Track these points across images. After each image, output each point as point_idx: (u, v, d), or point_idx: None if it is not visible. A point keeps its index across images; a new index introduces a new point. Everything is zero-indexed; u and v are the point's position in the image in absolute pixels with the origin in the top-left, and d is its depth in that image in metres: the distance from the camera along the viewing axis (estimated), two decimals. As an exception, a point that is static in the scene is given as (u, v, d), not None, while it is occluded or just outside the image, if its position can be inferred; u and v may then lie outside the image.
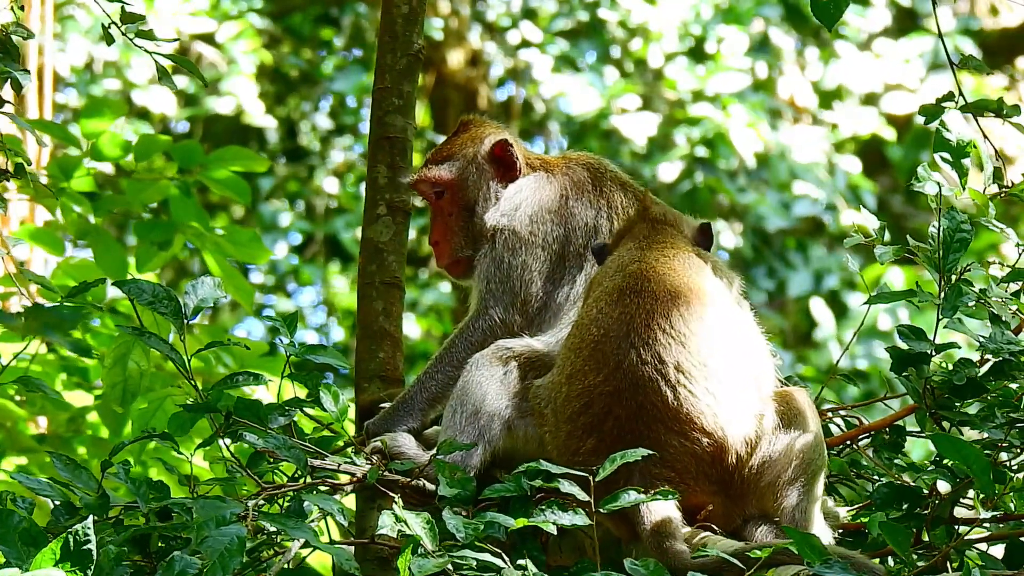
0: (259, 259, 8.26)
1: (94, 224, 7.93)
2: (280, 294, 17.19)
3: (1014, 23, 17.35)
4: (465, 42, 17.01)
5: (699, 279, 5.09)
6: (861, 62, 16.58)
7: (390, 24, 6.15)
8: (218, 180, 7.99)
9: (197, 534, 4.34)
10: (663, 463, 4.82)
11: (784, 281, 16.14)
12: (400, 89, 6.10)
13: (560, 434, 5.00)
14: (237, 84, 16.35)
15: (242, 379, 5.12)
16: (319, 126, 17.59)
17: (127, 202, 8.01)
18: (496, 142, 5.94)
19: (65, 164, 7.88)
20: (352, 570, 4.49)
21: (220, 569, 4.24)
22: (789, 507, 4.90)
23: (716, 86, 16.21)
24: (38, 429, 8.33)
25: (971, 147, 5.24)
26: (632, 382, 4.87)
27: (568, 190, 5.77)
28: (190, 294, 5.12)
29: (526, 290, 5.64)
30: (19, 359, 6.81)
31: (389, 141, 6.07)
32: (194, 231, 7.97)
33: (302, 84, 17.44)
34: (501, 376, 5.37)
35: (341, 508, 4.73)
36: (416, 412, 5.54)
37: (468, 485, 4.96)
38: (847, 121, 16.63)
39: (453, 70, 16.87)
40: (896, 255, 5.28)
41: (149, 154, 7.95)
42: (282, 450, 4.89)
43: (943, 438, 4.37)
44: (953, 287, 5.10)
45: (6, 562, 3.96)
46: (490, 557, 4.45)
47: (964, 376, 5.03)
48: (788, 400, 5.01)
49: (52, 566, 3.76)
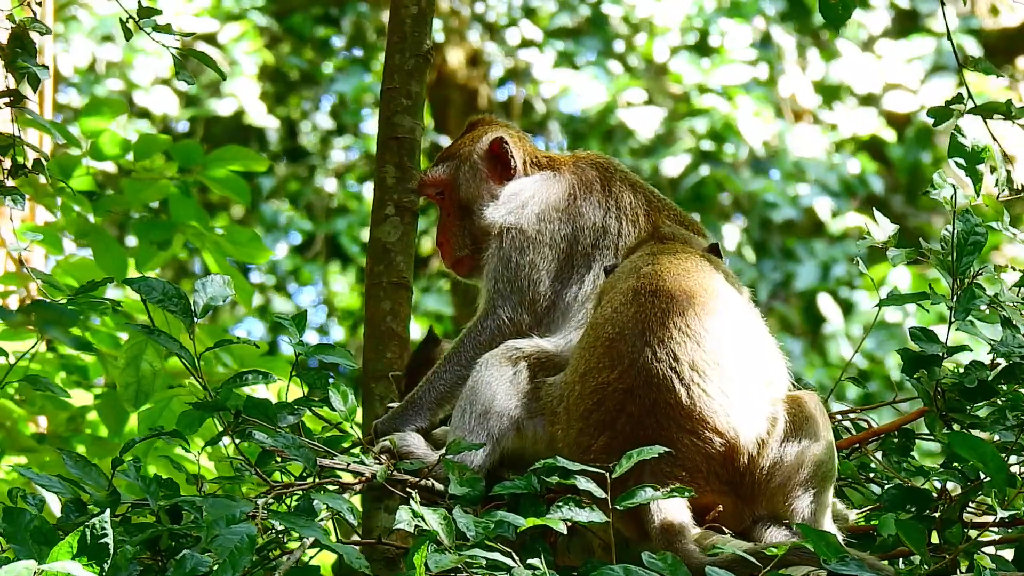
0: (259, 259, 8.25)
1: (94, 224, 7.91)
2: (281, 294, 17.18)
3: (1014, 23, 17.36)
4: (465, 42, 17.00)
5: (712, 281, 5.10)
6: (862, 61, 16.59)
7: (399, 24, 6.15)
8: (218, 180, 7.99)
9: (207, 533, 4.33)
10: (675, 461, 4.83)
11: (792, 275, 16.13)
12: (408, 89, 6.10)
13: (572, 431, 5.01)
14: (239, 85, 16.35)
15: (251, 377, 5.10)
16: (319, 126, 17.58)
17: (127, 202, 8.00)
18: (492, 140, 5.93)
19: (65, 164, 7.86)
20: (362, 568, 4.49)
21: (230, 567, 4.24)
22: (799, 509, 4.91)
23: (721, 78, 16.21)
24: (38, 429, 8.31)
25: (986, 152, 5.24)
26: (646, 379, 4.87)
27: (576, 189, 5.75)
28: (199, 292, 5.11)
29: (534, 289, 5.63)
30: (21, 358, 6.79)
31: (397, 141, 6.07)
32: (194, 231, 7.97)
33: (303, 84, 17.43)
34: (511, 376, 5.36)
35: (351, 507, 4.73)
36: (425, 411, 5.53)
37: (477, 485, 4.96)
38: (847, 121, 16.64)
39: (453, 70, 16.86)
40: (909, 258, 5.29)
41: (149, 153, 7.94)
42: (291, 449, 4.89)
43: (959, 436, 4.37)
44: (966, 290, 5.10)
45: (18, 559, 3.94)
46: (500, 556, 4.44)
47: (975, 379, 5.04)
48: (799, 403, 5.02)
49: (69, 560, 3.75)
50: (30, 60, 5.66)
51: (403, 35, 6.14)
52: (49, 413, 8.04)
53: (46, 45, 10.05)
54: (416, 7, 6.16)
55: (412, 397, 5.57)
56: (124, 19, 5.74)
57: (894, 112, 16.75)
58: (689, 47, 16.56)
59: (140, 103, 16.14)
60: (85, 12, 15.70)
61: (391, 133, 6.09)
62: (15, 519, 4.27)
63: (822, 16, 5.55)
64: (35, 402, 7.74)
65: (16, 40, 5.76)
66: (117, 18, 5.78)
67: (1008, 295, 5.22)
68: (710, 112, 16.09)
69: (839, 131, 16.66)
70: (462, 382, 5.47)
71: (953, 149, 5.32)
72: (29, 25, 5.69)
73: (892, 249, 5.34)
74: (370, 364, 5.89)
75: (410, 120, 6.10)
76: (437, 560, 4.29)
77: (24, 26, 5.72)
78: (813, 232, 16.81)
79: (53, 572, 3.75)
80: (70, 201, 7.85)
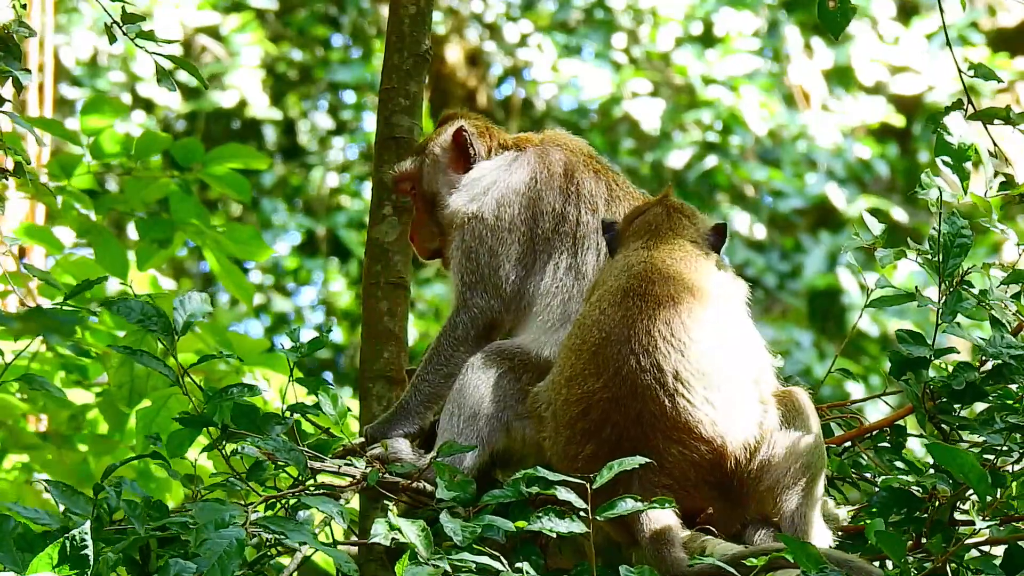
0: (259, 256, 8.26)
1: (94, 222, 7.93)
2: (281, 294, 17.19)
3: (1011, 23, 17.35)
4: (463, 40, 17.00)
5: (703, 282, 5.08)
6: (869, 45, 16.54)
7: (397, 24, 6.14)
8: (218, 177, 8.00)
9: (196, 536, 4.34)
10: (662, 471, 4.83)
11: (800, 266, 16.12)
12: (407, 89, 6.10)
13: (559, 439, 5.01)
14: (240, 77, 16.34)
15: (237, 391, 5.07)
16: (318, 124, 17.58)
17: (127, 200, 8.01)
18: (454, 130, 5.93)
19: (65, 162, 7.88)
20: (350, 572, 4.50)
21: (219, 572, 4.25)
22: (789, 510, 4.91)
23: (726, 69, 16.19)
24: (39, 426, 8.33)
25: (972, 150, 5.25)
26: (631, 389, 4.87)
27: (537, 173, 5.73)
28: (179, 310, 5.11)
29: (495, 275, 5.62)
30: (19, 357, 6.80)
31: (395, 141, 6.07)
32: (194, 228, 7.97)
33: (302, 82, 17.43)
34: (496, 378, 5.38)
35: (341, 511, 4.74)
36: (413, 416, 5.53)
37: (468, 488, 4.96)
38: (855, 109, 16.62)
39: (452, 68, 16.85)
40: (896, 258, 5.29)
41: (149, 152, 7.95)
42: (282, 453, 4.90)
43: (939, 447, 4.38)
44: (953, 292, 5.11)
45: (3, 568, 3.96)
46: (488, 560, 4.46)
47: (963, 380, 5.04)
48: (788, 401, 5.01)
49: (50, 570, 3.76)
50: (13, 64, 5.65)
51: (401, 35, 6.14)
52: (50, 411, 8.05)
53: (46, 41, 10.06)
54: (415, 7, 6.15)
55: (400, 402, 5.58)
56: (108, 24, 5.74)
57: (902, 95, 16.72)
58: (693, 38, 16.55)
59: (143, 94, 16.15)
60: (86, 5, 15.72)
61: (389, 133, 6.09)
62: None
63: (821, 23, 5.56)
64: (37, 400, 7.76)
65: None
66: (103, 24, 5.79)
67: (997, 294, 5.22)
68: (715, 104, 16.07)
69: (848, 118, 16.64)
70: (446, 380, 5.48)
71: (940, 147, 5.32)
72: (12, 29, 5.68)
73: (881, 250, 5.35)
74: (367, 364, 5.88)
75: (408, 120, 6.10)
76: (415, 573, 4.29)
77: (7, 29, 5.71)
78: (820, 222, 16.82)
79: (34, 581, 3.75)
80: (70, 199, 7.86)
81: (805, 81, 16.78)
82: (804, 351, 14.57)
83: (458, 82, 16.83)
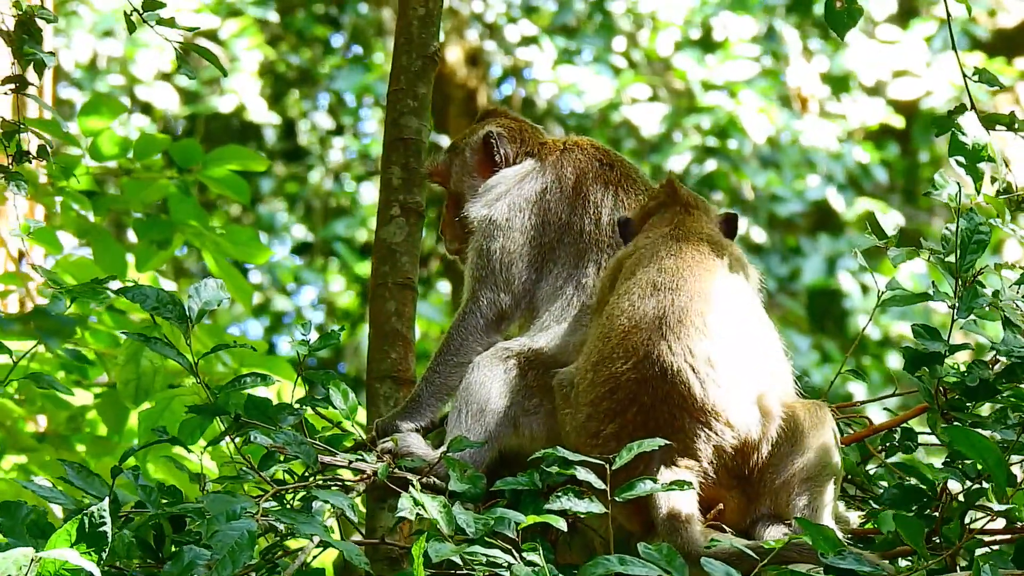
0: (258, 258, 8.25)
1: (93, 223, 7.91)
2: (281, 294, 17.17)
3: (1011, 24, 17.39)
4: (464, 40, 17.00)
5: (731, 277, 5.13)
6: (867, 48, 16.57)
7: (406, 26, 6.16)
8: (217, 179, 7.99)
9: (207, 528, 4.32)
10: (687, 452, 4.85)
11: (798, 270, 16.13)
12: (415, 91, 6.11)
13: (580, 415, 5.02)
14: (239, 81, 16.33)
15: (249, 380, 5.09)
16: (318, 125, 17.57)
17: (126, 201, 8.00)
18: (484, 134, 5.96)
19: (65, 162, 7.86)
20: (362, 565, 4.49)
21: (230, 563, 4.24)
22: (801, 507, 4.92)
23: (725, 74, 16.21)
24: (37, 428, 8.31)
25: (986, 150, 5.27)
26: (660, 371, 4.88)
27: (550, 184, 5.77)
28: (193, 297, 5.10)
29: (507, 271, 5.66)
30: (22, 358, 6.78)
31: (403, 143, 6.08)
32: (193, 230, 7.97)
33: (301, 83, 17.42)
34: (503, 374, 5.40)
35: (352, 504, 4.73)
36: (424, 410, 5.55)
37: (479, 482, 4.97)
38: (855, 111, 16.65)
39: (452, 68, 16.86)
40: (909, 258, 5.30)
41: (148, 153, 7.94)
42: (292, 446, 4.89)
43: (958, 431, 4.38)
44: (969, 288, 5.12)
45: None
46: (500, 553, 4.45)
47: (977, 377, 5.05)
48: (806, 404, 5.04)
49: (67, 547, 3.74)
50: (36, 47, 5.67)
51: (410, 37, 6.15)
52: (49, 412, 8.03)
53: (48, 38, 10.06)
54: (423, 8, 6.17)
55: (412, 396, 5.59)
56: (128, 12, 5.75)
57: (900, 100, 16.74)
58: (693, 42, 16.57)
59: (142, 98, 16.14)
60: (86, 8, 15.70)
61: (397, 134, 6.09)
62: (12, 513, 4.26)
63: (827, 23, 5.58)
64: (35, 401, 7.74)
65: (23, 27, 5.77)
66: (121, 12, 5.80)
67: (1009, 294, 5.23)
68: (714, 110, 16.09)
69: (847, 121, 16.66)
70: (456, 373, 5.51)
71: (954, 147, 5.34)
72: (36, 12, 5.70)
73: (893, 249, 5.36)
74: (374, 364, 5.89)
75: (416, 121, 6.11)
76: (437, 549, 4.29)
77: (31, 13, 5.73)
78: (819, 225, 16.84)
79: (51, 559, 3.73)
80: (70, 200, 7.85)
81: (804, 85, 16.80)
82: (803, 355, 14.62)
83: (458, 82, 16.83)
